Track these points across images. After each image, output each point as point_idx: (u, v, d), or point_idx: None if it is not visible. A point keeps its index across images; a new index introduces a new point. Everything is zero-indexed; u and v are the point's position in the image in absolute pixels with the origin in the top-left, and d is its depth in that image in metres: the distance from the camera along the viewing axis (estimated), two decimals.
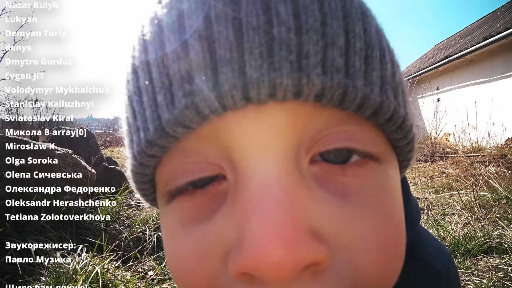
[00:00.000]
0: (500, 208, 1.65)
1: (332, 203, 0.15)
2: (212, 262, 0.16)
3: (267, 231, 0.13)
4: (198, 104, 0.14)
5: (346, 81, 0.14)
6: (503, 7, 8.36)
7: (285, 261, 0.13)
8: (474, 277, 1.08)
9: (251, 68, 0.13)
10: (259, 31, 0.14)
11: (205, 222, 0.16)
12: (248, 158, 0.15)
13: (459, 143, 6.04)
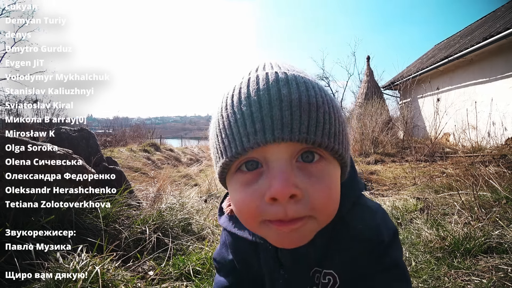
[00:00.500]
0: (500, 208, 1.65)
1: (303, 177, 0.40)
2: (257, 199, 0.40)
3: (280, 183, 0.38)
4: (259, 142, 0.38)
5: (321, 140, 0.40)
6: (503, 7, 8.37)
7: (285, 193, 0.38)
8: (474, 277, 1.08)
9: (277, 132, 0.38)
10: (281, 118, 0.39)
11: (253, 184, 0.41)
12: (273, 159, 0.40)
13: (459, 143, 6.04)
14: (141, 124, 19.81)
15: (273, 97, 0.39)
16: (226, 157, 0.42)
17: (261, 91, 0.39)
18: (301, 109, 0.38)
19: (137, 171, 6.03)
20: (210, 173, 6.24)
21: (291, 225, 0.40)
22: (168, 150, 12.19)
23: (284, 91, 0.39)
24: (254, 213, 0.41)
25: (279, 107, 0.38)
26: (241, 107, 0.40)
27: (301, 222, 0.40)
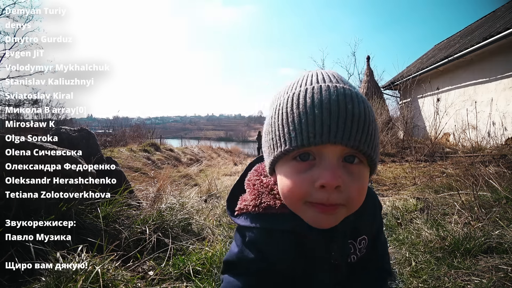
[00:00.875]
0: (500, 208, 1.65)
1: (346, 174, 0.51)
2: (308, 184, 0.51)
3: (330, 175, 0.49)
4: (323, 141, 0.49)
5: (366, 149, 0.52)
6: (503, 7, 8.37)
7: (333, 183, 0.49)
8: (474, 277, 1.08)
9: (339, 137, 0.49)
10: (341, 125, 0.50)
11: (306, 172, 0.51)
12: (328, 156, 0.51)
13: (459, 143, 6.04)
14: (141, 124, 19.80)
15: (341, 109, 0.50)
16: (290, 146, 0.52)
17: (333, 101, 0.50)
18: (358, 123, 0.51)
19: (137, 171, 6.02)
20: (210, 173, 6.23)
21: (329, 210, 0.52)
22: (168, 150, 12.19)
23: (350, 106, 0.51)
24: (302, 195, 0.53)
25: (344, 118, 0.50)
26: (314, 109, 0.50)
27: (336, 208, 0.53)
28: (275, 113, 0.56)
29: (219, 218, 1.97)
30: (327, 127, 0.49)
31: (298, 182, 0.52)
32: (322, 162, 0.51)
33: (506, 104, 5.77)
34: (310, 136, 0.50)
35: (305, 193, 0.52)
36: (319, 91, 0.51)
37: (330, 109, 0.50)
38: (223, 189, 3.43)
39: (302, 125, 0.50)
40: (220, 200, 2.62)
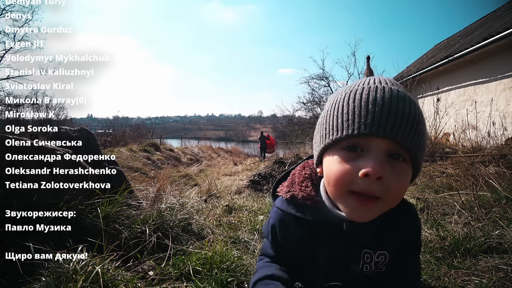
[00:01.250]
0: (500, 208, 1.65)
1: (390, 168, 0.56)
2: (353, 172, 0.55)
3: (375, 165, 0.54)
4: (373, 133, 0.54)
5: (412, 147, 0.56)
6: (503, 7, 8.36)
7: (377, 173, 0.54)
8: (474, 277, 1.08)
9: (387, 131, 0.55)
10: (396, 124, 0.55)
11: (352, 161, 0.56)
12: (375, 149, 0.55)
13: (459, 143, 6.04)
14: (141, 124, 19.79)
15: (393, 106, 0.55)
16: (341, 134, 0.57)
17: (386, 99, 0.55)
18: (407, 121, 0.55)
19: (137, 171, 6.02)
20: (210, 173, 6.23)
21: (366, 204, 0.57)
22: (168, 150, 12.18)
23: (401, 104, 0.55)
24: (347, 182, 0.57)
25: (395, 115, 0.54)
26: (368, 104, 0.55)
27: (373, 203, 0.57)
28: (331, 107, 0.61)
29: (219, 218, 1.97)
30: (377, 120, 0.54)
31: (345, 169, 0.57)
32: (369, 154, 0.56)
33: (506, 104, 5.77)
34: (361, 128, 0.55)
35: (350, 180, 0.57)
36: (375, 90, 0.57)
37: (383, 105, 0.55)
38: (223, 189, 3.43)
39: (355, 117, 0.56)
40: (220, 200, 2.62)
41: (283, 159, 3.95)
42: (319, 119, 0.66)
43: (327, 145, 0.60)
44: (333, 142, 0.59)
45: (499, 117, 5.80)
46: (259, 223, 1.80)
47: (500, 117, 5.79)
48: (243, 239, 1.52)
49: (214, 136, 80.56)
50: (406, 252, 0.71)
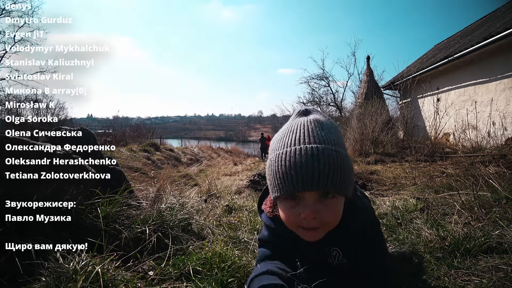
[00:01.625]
0: (500, 208, 1.65)
1: (321, 207, 0.75)
2: (297, 216, 0.76)
3: (308, 212, 0.74)
4: (305, 189, 0.72)
5: (334, 188, 0.73)
6: (503, 7, 8.36)
7: (310, 216, 0.74)
8: (474, 277, 1.08)
9: (315, 186, 0.72)
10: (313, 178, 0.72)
11: (295, 207, 0.76)
12: (307, 198, 0.75)
13: (459, 143, 6.04)
14: (141, 124, 19.79)
15: (309, 168, 0.72)
16: (280, 193, 0.76)
17: (303, 163, 0.72)
18: (324, 175, 0.71)
19: (137, 171, 6.02)
20: (210, 173, 6.23)
21: (312, 231, 0.78)
22: (168, 150, 12.18)
23: (316, 163, 0.72)
24: (295, 223, 0.79)
25: (311, 174, 0.71)
26: (291, 171, 0.73)
27: (316, 230, 0.77)
28: (269, 167, 0.80)
29: (219, 218, 1.97)
30: (301, 182, 0.72)
31: (291, 215, 0.78)
32: (304, 202, 0.76)
33: (506, 104, 5.77)
34: (291, 188, 0.73)
35: (296, 222, 0.78)
36: (295, 154, 0.73)
37: (302, 169, 0.72)
38: (223, 189, 3.43)
39: (286, 181, 0.74)
40: (220, 200, 2.62)
41: None
42: (266, 169, 0.83)
43: (275, 198, 0.81)
44: (277, 197, 0.79)
45: (499, 117, 5.80)
46: (259, 223, 1.80)
47: (500, 117, 5.79)
48: (243, 239, 1.52)
49: (214, 136, 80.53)
50: (364, 241, 0.89)
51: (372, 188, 3.08)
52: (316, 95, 16.75)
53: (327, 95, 16.75)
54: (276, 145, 0.81)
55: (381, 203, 2.32)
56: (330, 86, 16.67)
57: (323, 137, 0.75)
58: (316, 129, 0.77)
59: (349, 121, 7.62)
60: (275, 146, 0.81)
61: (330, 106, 16.62)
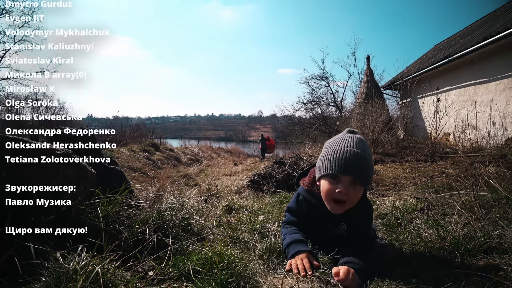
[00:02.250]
0: (500, 208, 1.65)
1: (351, 189, 1.17)
2: (334, 190, 1.17)
3: (343, 189, 1.16)
4: (344, 173, 1.16)
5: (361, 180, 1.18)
6: (503, 7, 8.36)
7: (344, 192, 1.16)
8: (474, 277, 1.08)
9: (352, 173, 1.17)
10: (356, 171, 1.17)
11: (333, 184, 1.18)
12: (344, 180, 1.17)
13: (459, 143, 6.04)
14: (141, 124, 19.79)
15: (352, 161, 1.14)
16: (328, 171, 1.16)
17: (350, 157, 1.14)
18: (359, 169, 1.15)
19: (137, 171, 6.02)
20: (210, 173, 6.23)
21: (339, 205, 1.18)
22: (168, 150, 12.19)
23: (356, 160, 1.14)
24: (330, 195, 1.17)
25: (353, 165, 1.14)
26: (341, 160, 1.14)
27: (342, 205, 1.17)
28: (326, 154, 1.20)
29: (219, 218, 1.97)
30: (345, 168, 1.14)
31: (330, 188, 1.17)
32: (341, 182, 1.16)
33: (506, 104, 5.77)
34: (339, 171, 1.15)
35: (331, 194, 1.17)
36: (346, 152, 1.16)
37: (349, 161, 1.14)
38: (223, 189, 3.43)
39: (336, 165, 1.15)
40: (220, 200, 2.62)
41: (283, 159, 3.95)
42: (320, 157, 1.25)
43: (321, 176, 1.21)
44: (325, 175, 1.19)
45: (499, 117, 5.80)
46: (259, 223, 1.80)
47: (500, 117, 5.79)
48: (243, 239, 1.52)
49: (214, 136, 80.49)
50: (360, 222, 1.26)
51: (372, 188, 3.07)
52: (316, 95, 16.74)
53: (327, 95, 16.74)
54: (332, 144, 1.22)
55: (381, 203, 2.32)
56: (330, 86, 16.66)
57: (362, 147, 1.18)
58: (359, 143, 1.19)
59: (349, 121, 7.62)
60: (332, 144, 1.22)
61: (330, 106, 16.62)
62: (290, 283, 1.08)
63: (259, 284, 1.06)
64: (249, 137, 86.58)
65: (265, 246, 1.37)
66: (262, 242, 1.43)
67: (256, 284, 1.05)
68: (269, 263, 1.25)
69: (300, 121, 17.21)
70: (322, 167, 1.20)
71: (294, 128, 16.64)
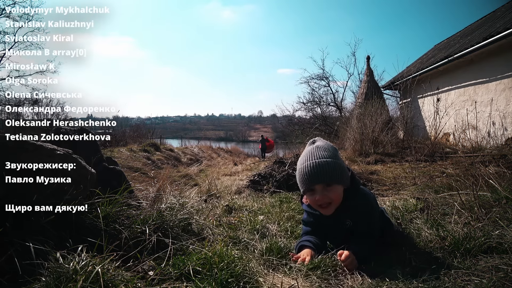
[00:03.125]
0: (500, 208, 1.65)
1: (327, 192, 1.32)
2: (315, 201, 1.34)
3: (319, 197, 1.32)
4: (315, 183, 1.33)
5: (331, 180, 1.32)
6: (503, 7, 8.36)
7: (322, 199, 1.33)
8: (474, 277, 1.08)
9: (315, 181, 1.33)
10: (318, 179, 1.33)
11: (312, 196, 1.35)
12: (317, 189, 1.33)
13: (459, 143, 6.03)
14: (141, 124, 19.80)
15: (317, 171, 1.30)
16: (305, 187, 1.35)
17: (314, 169, 1.30)
18: (327, 175, 1.30)
19: (137, 171, 6.02)
20: (210, 173, 6.23)
21: (325, 208, 1.34)
22: (168, 150, 12.19)
23: (319, 169, 1.30)
24: (315, 204, 1.36)
25: (319, 174, 1.30)
26: (308, 175, 1.32)
27: (328, 206, 1.34)
28: (297, 174, 1.39)
29: (219, 218, 1.97)
30: (312, 180, 1.31)
31: (311, 200, 1.36)
32: (316, 191, 1.32)
33: (506, 104, 5.77)
34: (308, 184, 1.33)
35: (315, 203, 1.35)
36: (306, 166, 1.32)
37: (312, 173, 1.30)
38: (223, 189, 3.43)
39: (304, 181, 1.33)
40: (220, 200, 2.62)
41: (283, 159, 3.95)
42: (296, 176, 1.42)
43: (303, 192, 1.40)
44: (303, 191, 1.38)
45: (499, 117, 5.80)
46: (259, 223, 1.80)
47: (500, 117, 5.79)
48: (243, 239, 1.52)
49: (214, 136, 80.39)
50: (362, 218, 1.37)
51: (372, 188, 3.07)
52: (316, 95, 16.72)
53: (327, 95, 16.73)
54: (299, 163, 1.39)
55: (381, 203, 2.32)
56: (330, 86, 16.64)
57: (321, 154, 1.33)
58: (316, 151, 1.34)
59: (349, 121, 7.62)
60: (299, 163, 1.39)
61: (330, 106, 16.61)
62: (290, 283, 1.08)
63: (259, 284, 1.06)
64: (249, 137, 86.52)
65: (265, 246, 1.37)
66: (262, 242, 1.43)
67: (256, 284, 1.05)
68: (269, 263, 1.25)
69: (300, 121, 17.21)
70: (300, 186, 1.38)
71: (294, 128, 16.62)
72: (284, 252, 1.37)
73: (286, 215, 2.05)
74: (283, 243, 1.46)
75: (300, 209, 2.18)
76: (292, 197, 2.77)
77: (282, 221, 1.90)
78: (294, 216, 2.03)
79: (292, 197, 2.78)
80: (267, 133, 19.19)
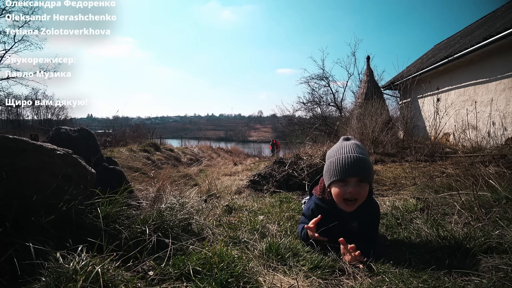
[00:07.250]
0: (500, 208, 1.65)
1: (358, 188, 1.37)
2: (344, 192, 1.37)
3: (352, 189, 1.36)
4: (350, 175, 1.37)
5: (365, 179, 1.39)
6: (503, 7, 8.35)
7: (354, 193, 1.36)
8: (474, 277, 1.08)
9: (357, 174, 1.37)
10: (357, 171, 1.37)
11: (343, 187, 1.38)
12: (351, 181, 1.37)
13: (459, 143, 6.03)
14: (141, 124, 19.78)
15: (355, 164, 1.35)
16: (336, 178, 1.37)
17: (353, 161, 1.35)
18: (363, 170, 1.35)
19: (137, 171, 6.02)
20: (210, 173, 6.23)
21: (350, 204, 1.38)
22: (168, 150, 12.18)
23: (358, 163, 1.35)
24: (342, 196, 1.37)
25: (356, 168, 1.35)
26: (345, 165, 1.35)
27: (354, 203, 1.38)
28: (331, 163, 1.40)
29: (219, 218, 1.97)
30: (351, 171, 1.34)
31: (341, 191, 1.37)
32: (349, 184, 1.36)
33: (506, 104, 5.77)
34: (345, 175, 1.35)
35: (342, 195, 1.36)
36: (348, 157, 1.35)
37: (352, 165, 1.34)
38: (223, 189, 3.43)
39: (341, 170, 1.35)
40: (220, 200, 2.62)
41: (283, 159, 3.94)
42: (326, 165, 1.45)
43: (332, 181, 1.39)
44: (334, 181, 1.38)
45: (499, 117, 5.80)
46: (259, 223, 1.80)
47: (500, 117, 5.79)
48: (243, 239, 1.52)
49: (214, 136, 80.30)
50: (369, 221, 1.45)
51: (372, 188, 3.07)
52: (316, 95, 16.72)
53: (327, 95, 16.72)
54: (334, 153, 1.42)
55: (381, 203, 2.32)
56: (330, 86, 16.63)
57: (360, 151, 1.38)
58: (356, 147, 1.39)
59: (349, 121, 7.62)
60: (333, 154, 1.43)
61: (330, 106, 16.61)
62: (290, 283, 1.08)
63: (259, 284, 1.06)
64: (249, 137, 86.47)
65: (265, 246, 1.37)
66: (262, 242, 1.43)
67: (256, 284, 1.05)
68: (269, 263, 1.25)
69: (300, 121, 17.21)
70: (330, 175, 1.39)
71: (294, 128, 16.63)
72: (284, 252, 1.37)
73: (286, 215, 2.05)
74: (283, 243, 1.46)
75: (300, 209, 2.17)
76: (292, 197, 2.77)
77: (282, 221, 1.90)
78: (294, 216, 2.03)
79: (292, 197, 2.77)
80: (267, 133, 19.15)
